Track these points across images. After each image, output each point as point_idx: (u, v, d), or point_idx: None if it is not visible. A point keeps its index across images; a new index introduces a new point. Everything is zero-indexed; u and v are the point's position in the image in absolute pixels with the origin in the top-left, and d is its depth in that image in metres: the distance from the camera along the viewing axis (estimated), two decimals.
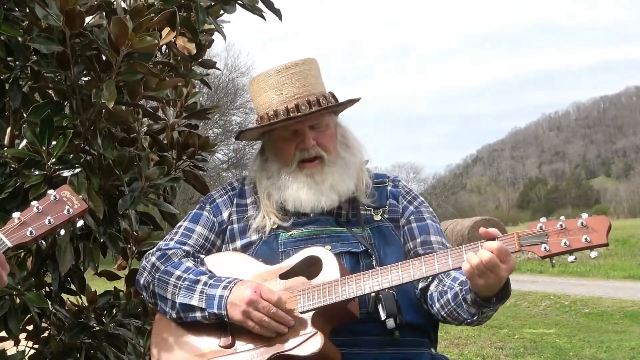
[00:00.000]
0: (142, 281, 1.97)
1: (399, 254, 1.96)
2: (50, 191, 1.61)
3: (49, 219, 1.57)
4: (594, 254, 1.61)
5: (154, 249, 2.01)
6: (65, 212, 1.59)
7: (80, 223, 1.64)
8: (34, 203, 1.58)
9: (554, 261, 1.67)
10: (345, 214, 1.99)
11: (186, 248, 1.98)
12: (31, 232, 1.55)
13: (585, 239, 1.59)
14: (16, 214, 1.57)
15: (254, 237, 1.98)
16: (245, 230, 2.00)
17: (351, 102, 2.02)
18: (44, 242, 1.66)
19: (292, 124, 1.95)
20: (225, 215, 2.05)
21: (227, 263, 1.94)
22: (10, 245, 1.53)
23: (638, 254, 18.03)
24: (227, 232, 2.03)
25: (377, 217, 2.00)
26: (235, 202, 2.06)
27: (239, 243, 2.00)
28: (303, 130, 1.95)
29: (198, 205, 2.10)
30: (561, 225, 1.62)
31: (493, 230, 1.68)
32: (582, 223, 1.61)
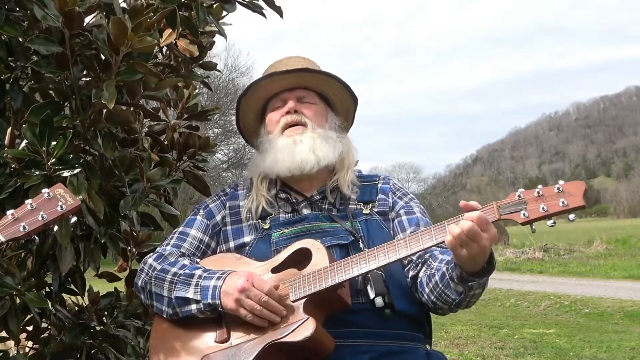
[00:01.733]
0: (139, 283, 1.99)
1: None
2: (44, 189, 1.64)
3: (42, 215, 1.59)
4: (572, 216, 1.63)
5: (151, 253, 2.05)
6: (59, 208, 1.61)
7: (73, 219, 1.66)
8: (27, 201, 1.61)
9: (534, 227, 1.68)
10: (332, 208, 2.03)
11: (182, 251, 2.03)
12: (24, 227, 1.57)
13: (563, 202, 1.61)
14: (10, 211, 1.60)
15: (247, 238, 2.02)
16: (239, 232, 2.05)
17: (332, 76, 2.09)
18: (37, 238, 1.69)
19: (281, 95, 2.10)
20: (218, 218, 2.10)
21: (220, 262, 1.97)
22: (3, 239, 1.56)
23: (638, 254, 18.05)
24: (221, 233, 2.08)
25: (366, 211, 2.03)
26: (227, 205, 2.12)
27: (232, 244, 2.04)
28: (290, 97, 2.08)
29: (192, 212, 2.15)
30: (538, 192, 1.65)
31: (473, 203, 1.71)
32: (558, 188, 1.63)
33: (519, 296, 12.00)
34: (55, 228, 1.66)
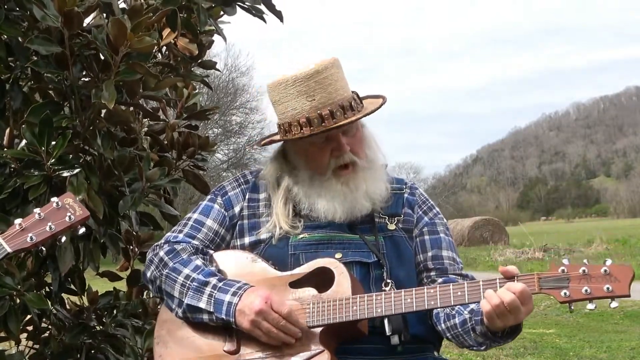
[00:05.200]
0: (148, 275, 1.93)
1: (410, 266, 1.94)
2: (54, 199, 1.62)
3: (50, 225, 1.57)
4: (614, 304, 1.59)
5: (162, 242, 1.96)
6: (67, 218, 1.59)
7: (82, 230, 1.64)
8: (36, 210, 1.59)
9: (572, 307, 1.64)
10: (358, 220, 1.93)
11: (195, 242, 1.93)
12: (31, 238, 1.56)
13: (608, 288, 1.57)
14: (18, 220, 1.58)
15: (263, 236, 1.93)
16: (255, 227, 1.96)
17: (380, 106, 1.95)
18: (44, 248, 1.68)
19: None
20: (236, 209, 1.99)
21: (236, 264, 1.90)
22: (10, 250, 1.54)
23: (638, 254, 18.01)
24: (237, 227, 1.98)
25: (392, 227, 1.96)
26: (247, 196, 2.01)
27: (247, 240, 1.95)
28: (337, 136, 1.89)
29: (209, 197, 2.04)
30: (584, 271, 1.60)
31: (512, 269, 1.67)
32: (605, 270, 1.58)
33: None
34: (64, 239, 1.65)
